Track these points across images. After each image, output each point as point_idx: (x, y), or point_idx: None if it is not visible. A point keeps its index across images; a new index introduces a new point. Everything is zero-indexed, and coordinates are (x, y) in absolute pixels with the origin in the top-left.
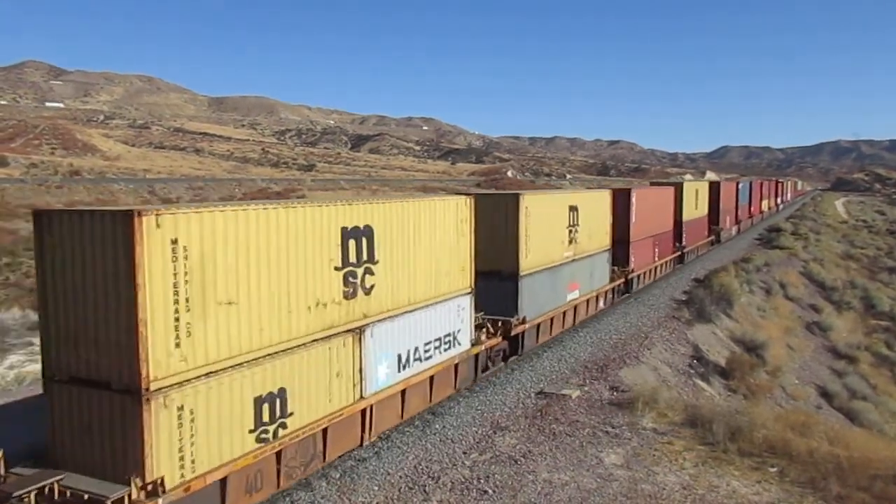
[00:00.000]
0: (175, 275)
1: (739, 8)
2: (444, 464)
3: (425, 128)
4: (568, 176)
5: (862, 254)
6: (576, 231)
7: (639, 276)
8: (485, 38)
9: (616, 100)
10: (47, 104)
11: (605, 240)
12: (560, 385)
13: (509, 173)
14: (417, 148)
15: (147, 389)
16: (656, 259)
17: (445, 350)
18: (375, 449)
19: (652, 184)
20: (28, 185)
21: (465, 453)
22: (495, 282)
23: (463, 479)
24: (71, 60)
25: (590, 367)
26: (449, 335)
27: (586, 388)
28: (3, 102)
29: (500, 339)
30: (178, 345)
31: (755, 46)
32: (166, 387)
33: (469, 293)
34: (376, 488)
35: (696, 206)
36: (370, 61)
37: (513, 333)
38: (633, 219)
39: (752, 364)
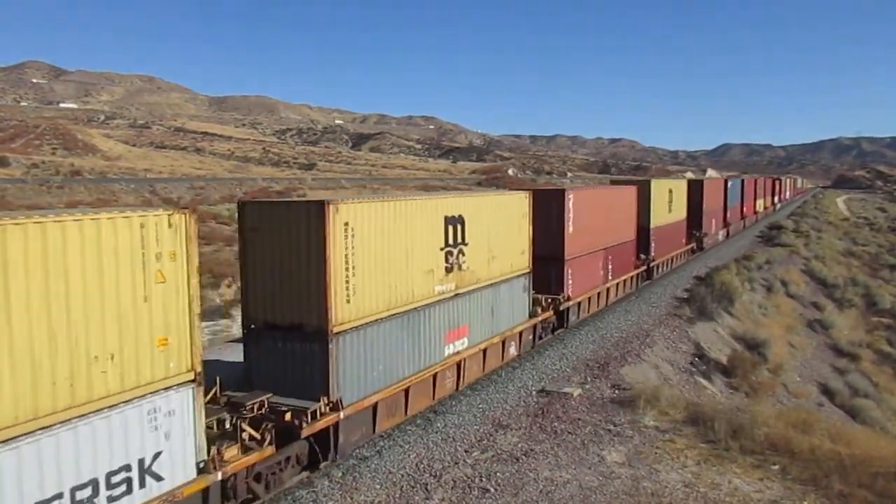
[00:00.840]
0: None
1: (740, 6)
2: (445, 462)
3: (430, 127)
4: (569, 174)
5: (863, 251)
6: (460, 253)
7: (580, 304)
8: (485, 36)
9: (617, 98)
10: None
11: (519, 261)
12: (561, 383)
13: (510, 172)
14: (418, 147)
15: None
16: (609, 278)
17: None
18: (377, 447)
19: (612, 182)
20: (29, 186)
21: (466, 451)
22: (292, 344)
23: (465, 478)
24: (72, 60)
25: (591, 366)
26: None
27: (588, 387)
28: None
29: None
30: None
31: (756, 45)
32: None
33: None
34: (378, 486)
35: (669, 208)
36: (371, 60)
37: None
38: (568, 228)
39: (754, 362)
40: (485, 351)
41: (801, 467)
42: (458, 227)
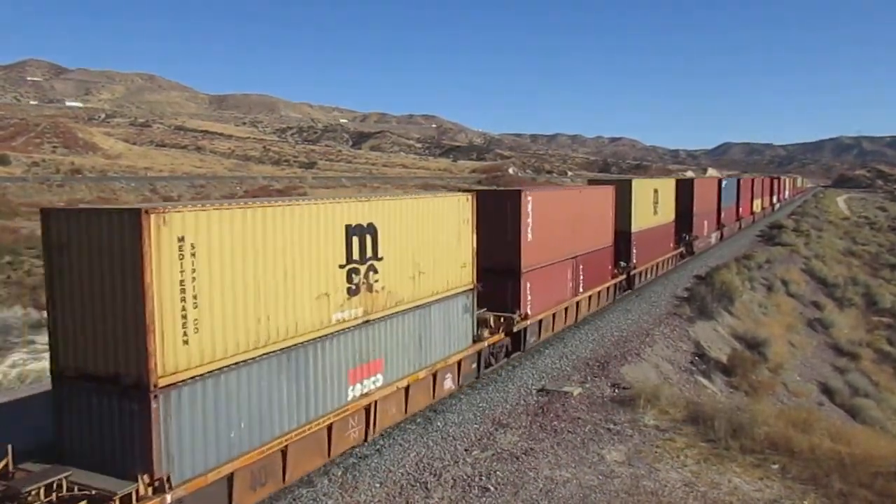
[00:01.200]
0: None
1: (741, 7)
2: (445, 461)
3: (431, 126)
4: (569, 173)
5: (864, 250)
6: (370, 271)
7: (541, 322)
8: (486, 35)
9: (618, 97)
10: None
11: (458, 276)
12: (561, 382)
13: (510, 170)
14: (419, 145)
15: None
16: (580, 290)
17: None
18: (377, 446)
19: (590, 182)
20: (30, 184)
21: (466, 450)
22: (108, 401)
23: (464, 477)
24: (72, 59)
25: (591, 365)
26: None
27: (588, 386)
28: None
29: None
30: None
31: (757, 44)
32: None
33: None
34: (378, 485)
35: (654, 210)
36: (371, 59)
37: None
38: (527, 236)
39: (754, 361)
40: (407, 389)
41: (801, 466)
42: (368, 239)
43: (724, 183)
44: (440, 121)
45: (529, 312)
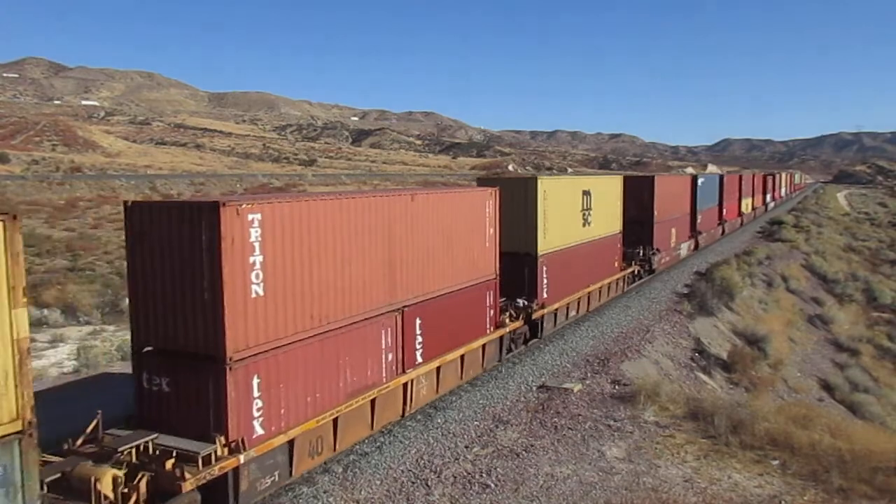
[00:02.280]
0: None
1: (740, 2)
2: (446, 458)
3: (430, 123)
4: (569, 170)
5: (864, 246)
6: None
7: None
8: (486, 32)
9: (618, 93)
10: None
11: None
12: (561, 379)
13: (510, 167)
14: (418, 142)
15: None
16: (414, 361)
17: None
18: (377, 443)
19: (479, 182)
20: (29, 182)
21: (467, 447)
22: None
23: (465, 473)
24: (71, 57)
25: (591, 361)
26: None
27: (588, 382)
28: (2, 99)
29: None
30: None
31: (757, 39)
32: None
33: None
34: (378, 482)
35: (584, 219)
36: (371, 56)
37: None
38: (251, 289)
39: (754, 357)
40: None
41: (801, 462)
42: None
43: (700, 181)
44: (440, 118)
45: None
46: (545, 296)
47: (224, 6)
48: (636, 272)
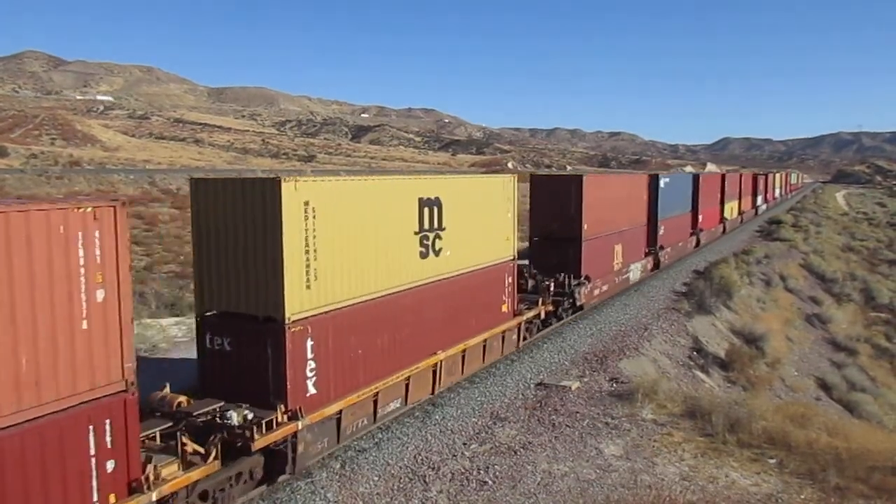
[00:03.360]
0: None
1: (742, 3)
2: (443, 454)
3: (430, 119)
4: (568, 167)
5: (862, 246)
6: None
7: None
8: (485, 30)
9: (617, 92)
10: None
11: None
12: (560, 376)
13: (510, 165)
14: (418, 139)
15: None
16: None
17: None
18: (375, 440)
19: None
20: (28, 176)
21: (464, 444)
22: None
23: (463, 470)
24: (71, 50)
25: (589, 359)
26: None
27: (586, 380)
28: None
29: None
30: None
31: (757, 37)
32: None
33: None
34: (377, 478)
35: (425, 247)
36: (371, 52)
37: None
38: None
39: (752, 356)
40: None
41: (799, 461)
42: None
43: (663, 182)
44: (439, 114)
45: None
46: (309, 394)
47: (224, 1)
48: (542, 317)
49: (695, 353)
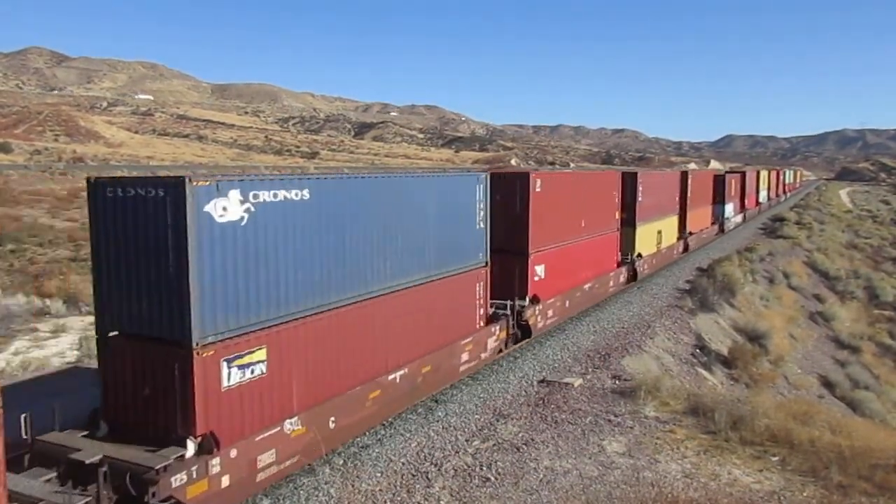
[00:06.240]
0: None
1: (744, 3)
2: (446, 451)
3: (433, 116)
4: (571, 164)
5: (866, 243)
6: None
7: None
8: (488, 27)
9: (622, 89)
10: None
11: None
12: (562, 373)
13: (513, 161)
14: (421, 136)
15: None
16: None
17: None
18: (378, 436)
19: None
20: (32, 172)
21: (467, 441)
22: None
23: (465, 467)
24: (74, 47)
25: (592, 356)
26: None
27: (589, 377)
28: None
29: None
30: None
31: (759, 35)
32: None
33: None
34: (379, 475)
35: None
36: (374, 49)
37: None
38: None
39: (755, 353)
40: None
41: (801, 458)
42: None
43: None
44: (442, 111)
45: None
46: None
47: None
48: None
49: (698, 350)
